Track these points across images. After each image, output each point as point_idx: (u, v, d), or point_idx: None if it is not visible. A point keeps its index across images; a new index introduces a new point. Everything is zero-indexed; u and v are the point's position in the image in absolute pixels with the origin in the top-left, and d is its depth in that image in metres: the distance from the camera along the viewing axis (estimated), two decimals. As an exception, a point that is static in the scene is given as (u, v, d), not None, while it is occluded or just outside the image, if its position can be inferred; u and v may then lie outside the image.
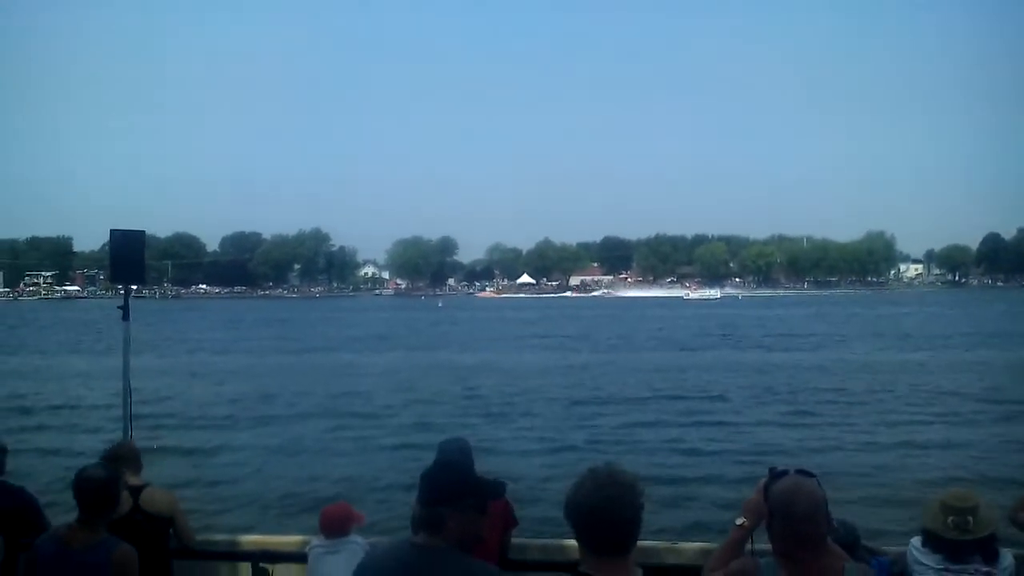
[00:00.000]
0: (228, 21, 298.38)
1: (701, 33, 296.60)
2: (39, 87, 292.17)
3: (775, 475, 3.14)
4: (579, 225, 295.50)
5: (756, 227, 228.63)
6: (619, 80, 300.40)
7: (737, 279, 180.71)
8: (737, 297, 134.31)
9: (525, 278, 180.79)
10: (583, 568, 2.70)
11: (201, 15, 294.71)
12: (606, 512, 2.64)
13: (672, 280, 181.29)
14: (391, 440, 18.64)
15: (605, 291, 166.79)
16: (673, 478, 14.75)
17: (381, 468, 15.75)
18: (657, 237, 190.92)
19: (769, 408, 22.95)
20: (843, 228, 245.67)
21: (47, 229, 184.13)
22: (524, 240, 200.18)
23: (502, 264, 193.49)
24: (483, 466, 4.02)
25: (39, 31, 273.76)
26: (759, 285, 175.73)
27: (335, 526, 5.33)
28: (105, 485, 4.14)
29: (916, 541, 4.31)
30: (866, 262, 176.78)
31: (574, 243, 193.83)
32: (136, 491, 5.11)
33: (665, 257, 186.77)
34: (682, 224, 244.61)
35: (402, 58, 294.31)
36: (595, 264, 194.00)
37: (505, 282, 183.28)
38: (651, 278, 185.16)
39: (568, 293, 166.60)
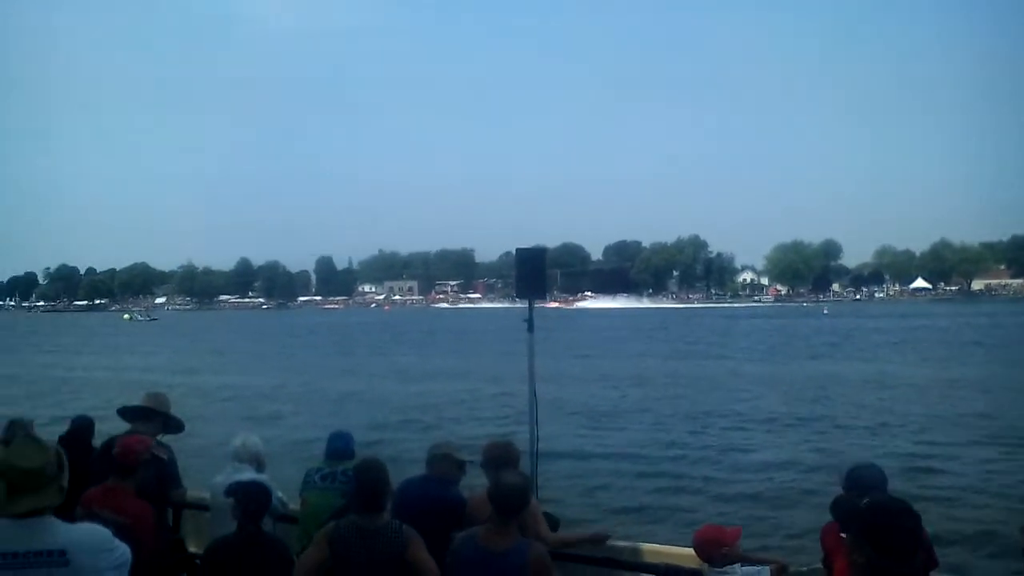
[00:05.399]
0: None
1: None
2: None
3: None
4: (983, 222, 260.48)
5: None
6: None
7: None
8: None
9: (920, 283, 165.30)
10: None
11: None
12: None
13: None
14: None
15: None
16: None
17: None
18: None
19: None
20: None
21: (453, 242, 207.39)
22: (918, 241, 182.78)
23: (892, 268, 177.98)
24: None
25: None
26: None
27: (707, 551, 5.19)
28: (523, 490, 4.33)
29: None
30: None
31: (976, 243, 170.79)
32: None
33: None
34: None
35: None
36: (1002, 266, 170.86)
37: (896, 287, 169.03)
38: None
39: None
